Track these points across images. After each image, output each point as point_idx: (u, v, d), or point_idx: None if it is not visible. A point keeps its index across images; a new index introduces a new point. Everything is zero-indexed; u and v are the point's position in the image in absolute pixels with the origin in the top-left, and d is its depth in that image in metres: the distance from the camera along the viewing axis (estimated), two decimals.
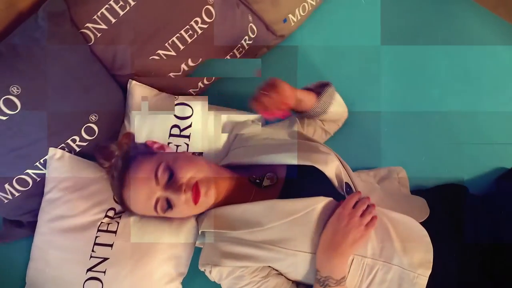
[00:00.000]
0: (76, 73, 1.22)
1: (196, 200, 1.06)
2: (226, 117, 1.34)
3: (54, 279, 1.14)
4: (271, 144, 1.24)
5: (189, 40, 1.33)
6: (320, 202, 1.06)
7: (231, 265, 1.08)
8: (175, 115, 1.29)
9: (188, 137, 1.29)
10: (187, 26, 1.31)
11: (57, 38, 1.19)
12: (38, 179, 1.22)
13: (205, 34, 1.34)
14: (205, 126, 1.31)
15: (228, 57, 1.44)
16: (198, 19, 1.32)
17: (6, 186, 1.18)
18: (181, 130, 1.29)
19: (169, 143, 1.28)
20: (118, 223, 1.18)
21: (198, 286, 1.21)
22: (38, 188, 1.22)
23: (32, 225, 1.22)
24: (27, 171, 1.20)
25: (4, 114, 1.12)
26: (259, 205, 1.08)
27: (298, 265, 1.08)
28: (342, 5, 1.63)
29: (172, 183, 1.05)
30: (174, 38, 1.31)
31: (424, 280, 1.05)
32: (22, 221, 1.28)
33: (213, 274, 1.11)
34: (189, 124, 1.29)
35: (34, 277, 1.17)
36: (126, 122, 1.33)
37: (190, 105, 1.30)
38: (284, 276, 1.14)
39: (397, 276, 1.06)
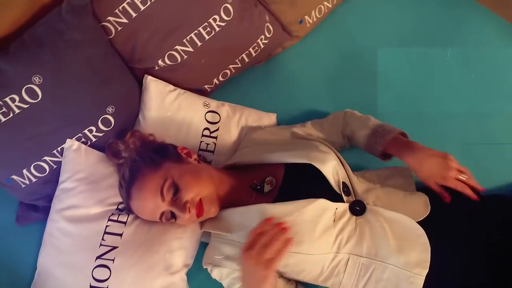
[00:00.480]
0: (96, 65, 1.27)
1: (199, 215, 1.13)
2: (244, 121, 1.45)
3: (64, 265, 1.19)
4: (272, 144, 1.29)
5: (207, 37, 1.37)
6: (311, 204, 1.08)
7: (230, 267, 1.14)
8: (206, 120, 1.41)
9: (216, 138, 1.41)
10: (206, 23, 1.35)
11: (79, 30, 1.24)
12: (55, 166, 1.28)
13: (223, 32, 1.38)
14: (229, 132, 1.43)
15: (243, 55, 1.47)
16: (216, 16, 1.35)
17: (24, 171, 1.24)
18: (211, 132, 1.40)
19: (201, 141, 1.39)
20: (128, 214, 1.24)
21: (203, 277, 1.24)
22: (54, 175, 1.28)
23: (47, 210, 1.28)
24: (45, 158, 1.25)
25: (26, 102, 1.18)
26: (251, 209, 1.13)
27: (292, 265, 1.11)
28: (357, 8, 1.67)
29: (177, 200, 1.12)
30: (192, 35, 1.35)
31: (421, 280, 1.06)
32: (38, 205, 1.33)
33: (214, 274, 1.19)
34: (216, 128, 1.42)
35: (45, 262, 1.23)
36: (140, 117, 1.38)
37: (219, 113, 1.43)
38: (282, 276, 1.17)
39: (394, 276, 1.07)
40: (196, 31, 1.35)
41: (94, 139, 1.30)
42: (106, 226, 1.21)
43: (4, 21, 1.21)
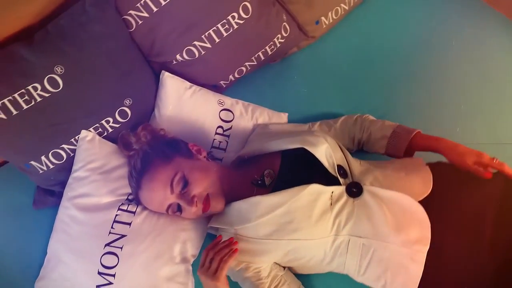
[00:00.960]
0: (116, 57, 1.33)
1: (205, 210, 1.18)
2: (256, 120, 1.49)
3: (73, 251, 1.25)
4: (272, 135, 1.34)
5: (225, 34, 1.40)
6: (303, 190, 1.11)
7: (235, 259, 1.17)
8: (221, 118, 1.45)
9: (228, 136, 1.45)
10: (224, 20, 1.38)
11: (101, 23, 1.29)
12: (72, 154, 1.33)
13: (240, 29, 1.41)
14: (241, 130, 1.47)
15: (260, 53, 1.50)
16: (235, 14, 1.39)
17: (43, 158, 1.30)
18: (224, 131, 1.44)
19: (214, 139, 1.43)
20: (137, 205, 1.28)
21: None
22: (71, 163, 1.34)
23: (62, 195, 1.33)
24: (63, 145, 1.31)
25: (47, 91, 1.24)
26: (246, 202, 1.17)
27: (292, 251, 1.15)
28: (373, 11, 1.70)
29: (185, 193, 1.17)
30: (210, 31, 1.38)
31: (422, 257, 1.07)
32: (54, 190, 1.40)
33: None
34: (230, 126, 1.46)
35: (55, 247, 1.29)
36: (156, 111, 1.43)
37: (233, 111, 1.47)
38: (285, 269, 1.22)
39: (395, 254, 1.09)
40: (214, 28, 1.38)
41: (110, 130, 1.36)
42: (116, 215, 1.26)
43: (29, 11, 1.26)
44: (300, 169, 1.19)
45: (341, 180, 1.15)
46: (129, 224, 1.25)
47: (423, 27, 1.69)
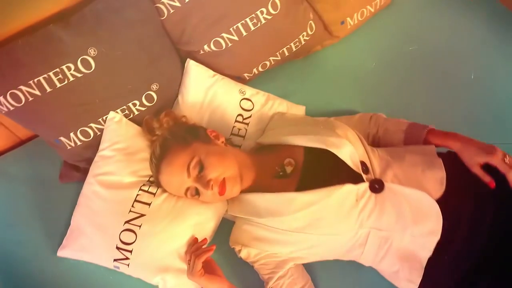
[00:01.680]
0: (147, 43, 1.42)
1: (221, 193, 1.27)
2: (275, 110, 1.58)
3: (95, 225, 1.36)
4: (293, 126, 1.43)
5: (252, 28, 1.48)
6: (337, 190, 1.21)
7: (258, 248, 1.29)
8: (241, 107, 1.54)
9: (247, 124, 1.54)
10: (253, 15, 1.46)
11: (135, 9, 1.38)
12: (98, 133, 1.44)
13: (268, 24, 1.49)
14: (260, 119, 1.56)
15: (284, 49, 1.58)
16: (264, 9, 1.46)
17: (71, 134, 1.41)
18: (243, 119, 1.53)
19: (233, 126, 1.53)
20: (158, 187, 1.38)
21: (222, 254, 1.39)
22: (97, 141, 1.44)
23: (87, 172, 1.44)
24: (91, 124, 1.42)
25: (80, 72, 1.34)
26: (280, 197, 1.26)
27: (317, 245, 1.25)
28: (398, 15, 1.76)
29: (201, 177, 1.27)
30: (239, 24, 1.46)
31: (432, 245, 1.21)
32: (80, 166, 1.51)
33: (242, 254, 1.33)
34: (249, 115, 1.55)
35: (78, 220, 1.40)
36: (179, 97, 1.52)
37: (253, 101, 1.56)
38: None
39: (410, 243, 1.22)
40: (243, 21, 1.46)
41: (136, 113, 1.46)
42: (137, 194, 1.36)
43: None
44: (324, 165, 1.28)
45: (364, 176, 1.24)
46: (149, 204, 1.35)
47: (447, 34, 1.74)
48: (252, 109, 1.54)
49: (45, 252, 1.43)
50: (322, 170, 1.28)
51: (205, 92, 1.51)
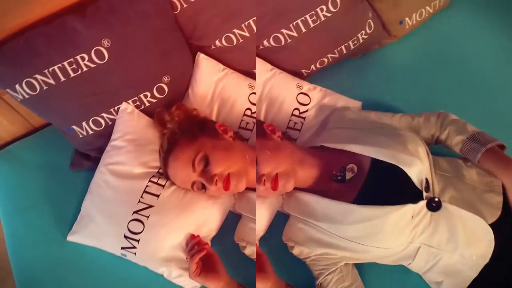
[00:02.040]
0: (160, 36, 1.45)
1: (226, 188, 1.31)
2: (331, 104, 1.60)
3: (104, 213, 1.41)
4: (361, 129, 1.44)
5: (312, 25, 1.54)
6: (398, 211, 1.23)
7: (310, 247, 1.35)
8: (298, 101, 1.58)
9: (304, 118, 1.58)
10: (312, 12, 1.51)
11: (149, 2, 1.40)
12: (110, 123, 1.49)
13: (327, 22, 1.55)
14: (316, 113, 1.58)
15: (342, 46, 1.63)
16: (324, 6, 1.52)
17: (83, 123, 1.46)
18: (300, 112, 1.58)
19: (290, 120, 1.57)
20: (167, 180, 1.43)
21: (227, 245, 1.44)
22: (108, 131, 1.49)
23: (97, 161, 1.50)
24: (103, 114, 1.47)
25: (93, 62, 1.38)
26: (340, 206, 1.29)
27: (369, 252, 1.30)
28: (456, 16, 1.80)
29: (206, 172, 1.31)
30: (298, 21, 1.52)
31: (480, 267, 1.25)
32: (90, 155, 1.56)
33: (295, 251, 1.39)
34: (306, 109, 1.59)
35: (89, 207, 1.45)
36: (190, 91, 1.56)
37: (310, 95, 1.60)
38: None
39: (458, 263, 1.26)
40: (302, 18, 1.53)
41: (147, 104, 1.50)
42: (146, 186, 1.41)
43: None
44: (390, 180, 1.29)
45: (424, 194, 1.26)
46: (158, 196, 1.40)
47: (506, 39, 1.74)
48: (309, 103, 1.58)
49: (55, 236, 1.49)
50: (386, 185, 1.30)
51: (214, 85, 1.55)
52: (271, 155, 1.31)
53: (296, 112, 1.57)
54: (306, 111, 1.57)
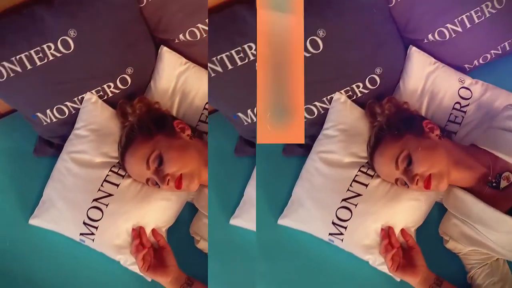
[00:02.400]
0: (124, 28, 1.50)
1: (178, 188, 1.36)
2: (494, 100, 1.61)
3: (65, 199, 1.46)
4: None
5: (476, 21, 1.56)
6: None
7: (463, 244, 1.41)
8: (459, 95, 1.61)
9: (464, 112, 1.60)
10: (478, 8, 1.54)
11: None
12: (73, 112, 1.52)
13: (492, 18, 1.56)
14: (477, 108, 1.59)
15: (506, 43, 1.65)
16: (489, 3, 1.55)
17: (48, 111, 1.50)
18: (461, 106, 1.60)
19: (450, 113, 1.58)
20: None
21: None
22: (72, 119, 1.53)
23: (60, 148, 1.54)
24: (67, 103, 1.50)
25: (59, 52, 1.43)
26: (495, 214, 1.33)
27: None
28: None
29: (159, 171, 1.35)
30: (463, 16, 1.55)
31: None
32: (53, 142, 1.60)
33: (449, 245, 1.45)
34: (467, 104, 1.61)
35: (50, 193, 1.49)
36: (152, 83, 1.59)
37: (472, 90, 1.61)
38: None
39: None
40: (467, 14, 1.54)
41: (110, 95, 1.55)
42: (107, 175, 1.46)
43: None
44: None
45: None
46: (117, 185, 1.45)
47: None
48: (470, 97, 1.60)
49: (19, 219, 1.54)
50: None
51: (176, 79, 1.59)
52: (177, 155, 1.36)
53: (457, 106, 1.60)
54: (467, 105, 1.60)
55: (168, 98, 1.59)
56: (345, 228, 1.44)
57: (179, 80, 1.59)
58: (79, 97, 1.51)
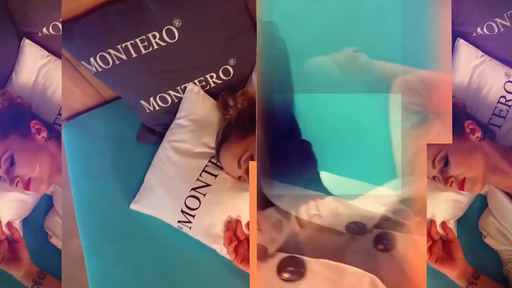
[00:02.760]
0: (229, 19, 1.50)
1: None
2: None
3: (165, 186, 1.51)
4: None
5: None
6: None
7: (499, 241, 1.43)
8: (505, 89, 1.61)
9: (510, 106, 1.61)
10: None
11: None
12: (176, 101, 1.57)
13: None
14: None
15: None
16: None
17: (151, 99, 1.56)
18: (506, 100, 1.61)
19: (495, 107, 1.59)
20: None
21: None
22: (174, 107, 1.58)
23: (162, 136, 1.59)
24: (169, 91, 1.55)
25: (164, 41, 1.46)
26: None
27: None
28: None
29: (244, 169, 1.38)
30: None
31: None
32: (156, 130, 1.66)
33: (487, 240, 1.48)
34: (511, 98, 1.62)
35: (151, 179, 1.56)
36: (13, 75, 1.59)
37: None
38: None
39: None
40: None
41: (213, 85, 1.57)
42: (206, 165, 1.50)
43: None
44: None
45: None
46: (215, 176, 1.49)
47: None
48: None
49: (121, 203, 1.61)
50: None
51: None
52: (463, 158, 1.35)
53: (503, 100, 1.60)
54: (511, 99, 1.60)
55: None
56: (193, 216, 1.46)
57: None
58: (182, 86, 1.55)
